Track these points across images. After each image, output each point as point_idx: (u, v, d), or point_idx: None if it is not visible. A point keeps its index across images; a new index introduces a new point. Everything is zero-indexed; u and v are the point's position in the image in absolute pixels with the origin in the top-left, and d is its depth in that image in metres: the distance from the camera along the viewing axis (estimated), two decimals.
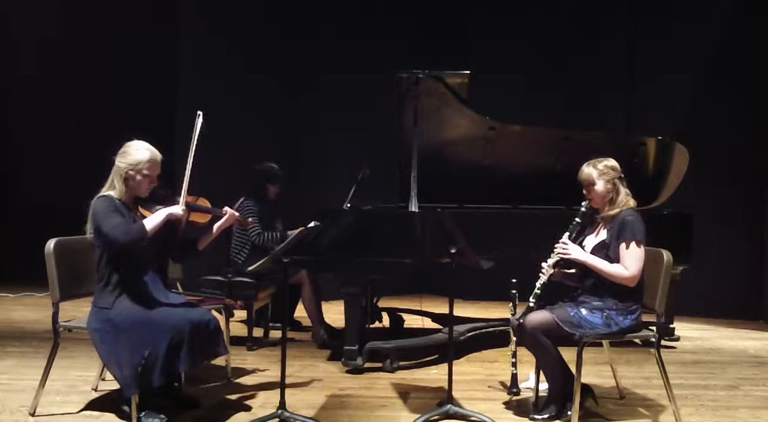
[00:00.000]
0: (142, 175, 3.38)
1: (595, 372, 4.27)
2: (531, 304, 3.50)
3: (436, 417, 3.52)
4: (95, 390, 3.87)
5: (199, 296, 4.39)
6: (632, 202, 3.51)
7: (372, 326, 5.53)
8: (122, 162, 3.38)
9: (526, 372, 4.08)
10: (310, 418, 3.45)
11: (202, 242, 3.68)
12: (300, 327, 5.69)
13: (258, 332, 5.23)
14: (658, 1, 7.11)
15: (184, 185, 3.44)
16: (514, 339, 3.75)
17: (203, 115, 3.51)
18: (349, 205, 4.93)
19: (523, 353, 3.76)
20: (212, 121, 3.60)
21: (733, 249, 6.65)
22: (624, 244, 3.39)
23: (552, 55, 7.37)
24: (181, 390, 3.73)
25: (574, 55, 7.34)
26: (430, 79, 4.77)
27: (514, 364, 3.91)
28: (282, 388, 3.44)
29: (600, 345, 3.92)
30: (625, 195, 3.51)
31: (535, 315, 3.44)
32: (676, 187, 5.45)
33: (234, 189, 5.70)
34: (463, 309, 5.70)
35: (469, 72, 4.96)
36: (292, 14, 7.47)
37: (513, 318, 3.64)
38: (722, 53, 6.73)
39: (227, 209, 3.68)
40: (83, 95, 8.22)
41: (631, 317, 3.41)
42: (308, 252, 3.99)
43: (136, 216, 3.41)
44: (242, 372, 4.36)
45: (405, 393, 4.01)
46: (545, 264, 3.55)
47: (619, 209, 3.48)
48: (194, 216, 3.57)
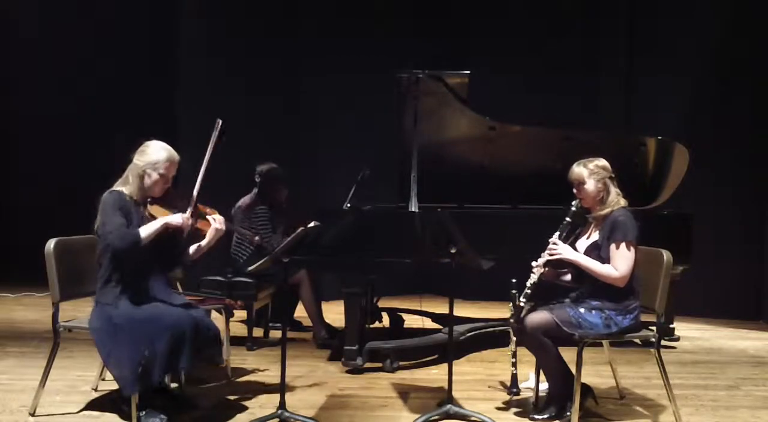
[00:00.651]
0: (159, 174, 3.39)
1: (595, 372, 4.27)
2: (521, 304, 3.51)
3: (436, 417, 3.52)
4: (95, 390, 3.87)
5: (199, 296, 4.38)
6: (623, 202, 3.51)
7: (372, 326, 5.52)
8: (140, 160, 3.40)
9: (526, 372, 4.08)
10: (310, 418, 3.45)
11: (197, 252, 3.61)
12: (300, 327, 5.69)
13: (258, 332, 5.23)
14: (658, 1, 7.11)
15: (195, 193, 3.44)
16: (514, 339, 3.75)
17: (222, 124, 3.51)
18: (349, 204, 4.93)
19: (523, 353, 3.76)
20: (212, 121, 3.60)
21: (733, 249, 6.64)
22: (614, 245, 3.40)
23: (552, 55, 7.37)
24: (182, 390, 3.73)
25: (574, 55, 7.34)
26: (430, 79, 4.77)
27: (514, 364, 3.90)
28: (282, 388, 3.44)
29: (600, 345, 3.93)
30: (616, 194, 3.51)
31: (535, 315, 3.44)
32: (676, 186, 5.45)
33: (233, 190, 5.70)
34: (463, 309, 5.69)
35: (469, 72, 4.96)
36: (292, 14, 7.47)
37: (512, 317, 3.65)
38: (722, 53, 6.72)
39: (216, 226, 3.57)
40: (84, 96, 8.21)
41: (630, 316, 3.42)
42: (308, 252, 3.99)
43: (143, 215, 3.40)
44: (242, 372, 4.36)
45: (405, 393, 4.01)
46: (535, 264, 3.56)
47: (610, 209, 3.48)
48: (200, 225, 3.54)
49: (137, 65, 8.25)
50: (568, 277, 3.68)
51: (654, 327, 3.54)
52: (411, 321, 5.82)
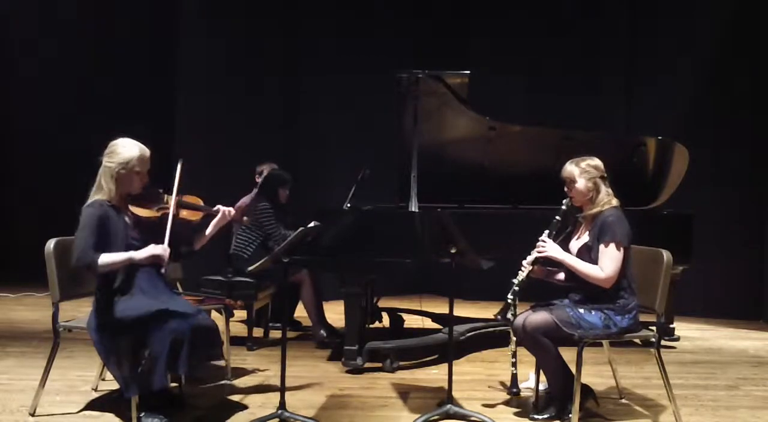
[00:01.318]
0: (134, 172, 3.34)
1: (595, 372, 4.27)
2: (509, 301, 3.52)
3: (436, 417, 3.52)
4: (95, 390, 3.87)
5: (199, 296, 4.38)
6: (615, 202, 3.50)
7: (372, 326, 5.53)
8: (111, 162, 3.32)
9: (526, 372, 4.08)
10: (310, 418, 3.45)
11: (197, 241, 3.62)
12: (300, 327, 5.69)
13: (258, 332, 5.23)
14: (658, 1, 7.11)
15: (167, 231, 3.34)
16: (514, 339, 3.75)
17: (182, 163, 3.47)
18: (349, 204, 4.93)
19: (523, 353, 3.75)
20: (212, 122, 3.60)
21: (733, 249, 6.65)
22: (603, 245, 3.40)
23: (552, 55, 7.37)
24: (182, 390, 3.73)
25: (574, 54, 7.34)
26: (430, 79, 4.77)
27: (514, 364, 3.90)
28: (282, 388, 3.44)
29: (600, 345, 3.92)
30: (606, 194, 3.51)
31: (535, 315, 3.45)
32: (676, 186, 5.45)
33: (234, 188, 5.71)
34: (463, 309, 5.69)
35: (469, 72, 4.96)
36: (292, 14, 7.47)
37: (512, 318, 3.65)
38: (722, 53, 6.73)
39: (220, 207, 3.59)
40: (84, 95, 8.23)
41: (629, 316, 3.42)
42: (308, 252, 3.99)
43: (127, 216, 3.38)
44: (242, 372, 4.36)
45: (405, 393, 4.01)
46: (525, 262, 3.57)
47: (600, 208, 3.48)
48: (185, 214, 3.49)
49: (137, 65, 8.25)
50: (560, 276, 3.68)
51: (654, 327, 3.54)
52: (411, 321, 5.82)
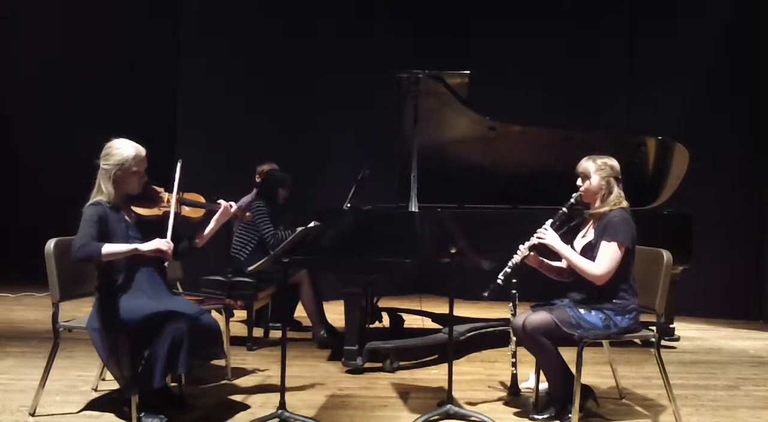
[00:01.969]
0: (132, 172, 3.34)
1: (595, 372, 4.27)
2: (499, 281, 3.51)
3: (436, 417, 3.51)
4: (95, 390, 3.87)
5: (199, 296, 4.38)
6: (625, 204, 3.50)
7: (372, 326, 5.52)
8: (108, 163, 3.32)
9: (526, 372, 4.08)
10: (310, 418, 3.45)
11: (200, 238, 3.62)
12: (300, 327, 5.69)
13: (258, 332, 5.23)
14: (658, 1, 7.11)
15: (170, 228, 3.35)
16: (514, 339, 3.75)
17: (182, 163, 3.49)
18: (349, 204, 4.93)
19: (523, 353, 3.75)
20: (213, 122, 3.60)
21: (733, 249, 6.65)
22: (604, 242, 3.40)
23: (552, 55, 7.37)
24: (182, 390, 3.73)
25: (574, 55, 7.34)
26: (430, 79, 4.77)
27: (514, 364, 3.91)
28: (282, 388, 3.44)
29: (600, 345, 3.92)
30: (618, 195, 3.51)
31: (535, 316, 3.45)
32: (676, 187, 5.45)
33: (235, 188, 5.70)
34: (463, 309, 5.69)
35: (469, 72, 4.95)
36: (292, 14, 7.46)
37: (512, 317, 3.65)
38: (722, 53, 6.73)
39: (222, 202, 3.60)
40: (84, 95, 8.22)
41: (629, 317, 3.41)
42: (308, 252, 3.99)
43: (128, 215, 3.39)
44: (242, 372, 4.36)
45: (405, 393, 4.01)
46: (522, 246, 3.57)
47: (609, 208, 3.48)
48: (187, 211, 3.50)
49: (138, 66, 8.24)
50: (554, 267, 3.66)
51: (654, 327, 3.54)
52: (411, 321, 5.82)
